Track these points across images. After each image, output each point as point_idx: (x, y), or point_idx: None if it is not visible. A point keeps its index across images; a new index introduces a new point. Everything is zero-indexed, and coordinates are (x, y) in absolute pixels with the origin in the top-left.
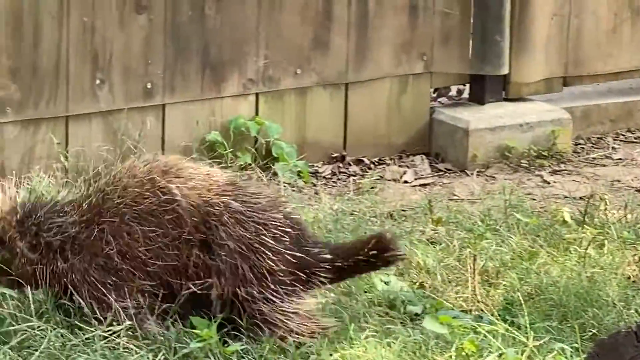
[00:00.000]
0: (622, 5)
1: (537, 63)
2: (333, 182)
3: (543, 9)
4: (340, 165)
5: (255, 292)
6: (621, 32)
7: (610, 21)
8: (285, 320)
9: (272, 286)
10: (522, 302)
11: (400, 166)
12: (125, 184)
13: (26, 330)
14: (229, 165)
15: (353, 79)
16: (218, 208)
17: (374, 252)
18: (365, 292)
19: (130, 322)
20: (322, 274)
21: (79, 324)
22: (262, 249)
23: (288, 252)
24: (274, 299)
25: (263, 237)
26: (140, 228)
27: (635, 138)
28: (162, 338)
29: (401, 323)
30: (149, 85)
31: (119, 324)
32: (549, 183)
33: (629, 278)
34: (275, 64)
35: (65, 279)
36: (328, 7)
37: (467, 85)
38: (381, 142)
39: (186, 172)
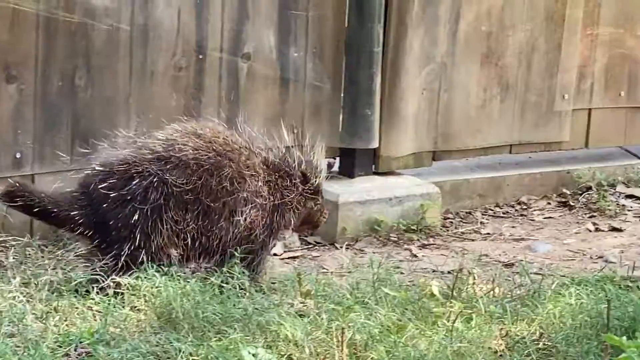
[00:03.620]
0: (492, 81)
1: (406, 137)
2: None
3: (413, 84)
4: None
5: None
6: (490, 108)
7: (480, 97)
8: None
9: None
10: None
11: None
12: None
13: None
14: None
15: None
16: None
17: None
18: None
19: None
20: None
21: None
22: None
23: None
24: None
25: None
26: None
27: (503, 213)
28: None
29: None
30: (18, 155)
31: None
32: (417, 257)
33: (496, 352)
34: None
35: None
36: (199, 80)
37: (337, 159)
38: None
39: None
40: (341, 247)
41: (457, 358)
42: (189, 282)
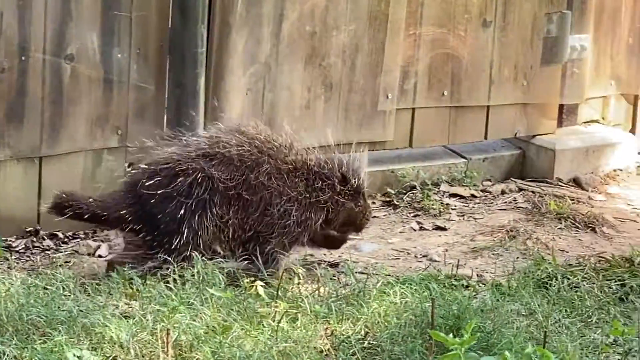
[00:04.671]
0: (316, 81)
1: None
2: (27, 256)
3: (237, 84)
4: (35, 239)
5: None
6: (315, 108)
7: (304, 97)
8: None
9: None
10: None
11: (94, 240)
12: None
13: None
14: None
15: (47, 153)
16: None
17: None
18: None
19: None
20: None
21: None
22: None
23: None
24: None
25: None
26: None
27: None
28: None
29: None
30: None
31: None
32: None
33: (321, 352)
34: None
35: None
36: (21, 81)
37: None
38: None
39: None
40: None
41: (282, 358)
42: (12, 284)
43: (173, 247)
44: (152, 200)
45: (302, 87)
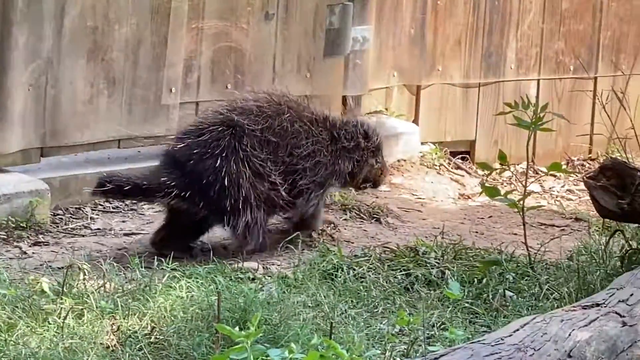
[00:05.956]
0: (98, 76)
1: (13, 134)
2: None
3: (18, 80)
4: None
5: None
6: (97, 103)
7: (87, 92)
8: None
9: None
10: None
11: None
12: None
13: None
14: None
15: None
16: None
17: None
18: None
19: None
20: None
21: None
22: None
23: None
24: None
25: None
26: None
27: (113, 208)
28: None
29: None
30: None
31: None
32: (27, 254)
33: (108, 347)
34: None
35: None
36: None
37: None
38: None
39: None
40: None
41: (68, 355)
42: None
43: (226, 205)
44: (190, 162)
45: (85, 83)
